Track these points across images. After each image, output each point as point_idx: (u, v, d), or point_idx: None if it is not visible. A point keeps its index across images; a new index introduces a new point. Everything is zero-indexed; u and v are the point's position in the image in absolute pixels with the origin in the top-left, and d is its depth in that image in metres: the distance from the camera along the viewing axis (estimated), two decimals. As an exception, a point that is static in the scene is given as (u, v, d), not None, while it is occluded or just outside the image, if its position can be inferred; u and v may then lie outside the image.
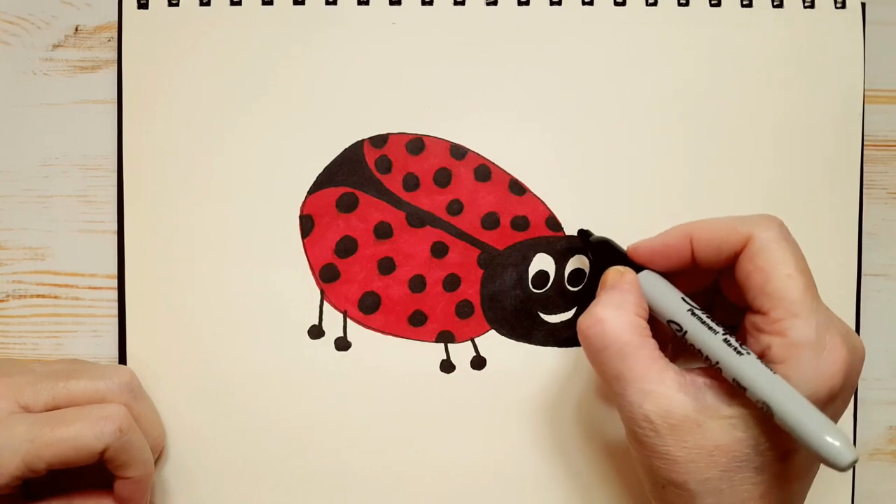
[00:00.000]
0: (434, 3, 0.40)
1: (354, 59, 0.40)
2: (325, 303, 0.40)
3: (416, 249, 0.40)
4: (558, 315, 0.41)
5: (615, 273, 0.36)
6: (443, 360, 0.40)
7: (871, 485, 0.42)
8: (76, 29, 0.41)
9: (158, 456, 0.40)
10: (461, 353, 0.40)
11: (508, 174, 0.40)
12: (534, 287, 0.41)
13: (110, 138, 0.41)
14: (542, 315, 0.41)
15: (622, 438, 0.41)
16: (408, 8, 0.40)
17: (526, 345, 0.41)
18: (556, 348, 0.41)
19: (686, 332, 0.33)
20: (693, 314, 0.33)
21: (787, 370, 0.31)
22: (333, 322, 0.40)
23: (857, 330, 0.41)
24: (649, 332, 0.34)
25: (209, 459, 0.40)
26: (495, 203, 0.40)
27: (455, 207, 0.40)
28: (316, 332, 0.40)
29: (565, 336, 0.41)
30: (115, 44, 0.41)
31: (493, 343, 0.40)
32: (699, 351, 0.33)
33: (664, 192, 0.41)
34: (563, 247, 0.41)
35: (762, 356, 0.32)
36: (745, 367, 0.31)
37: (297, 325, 0.40)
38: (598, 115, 0.40)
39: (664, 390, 0.32)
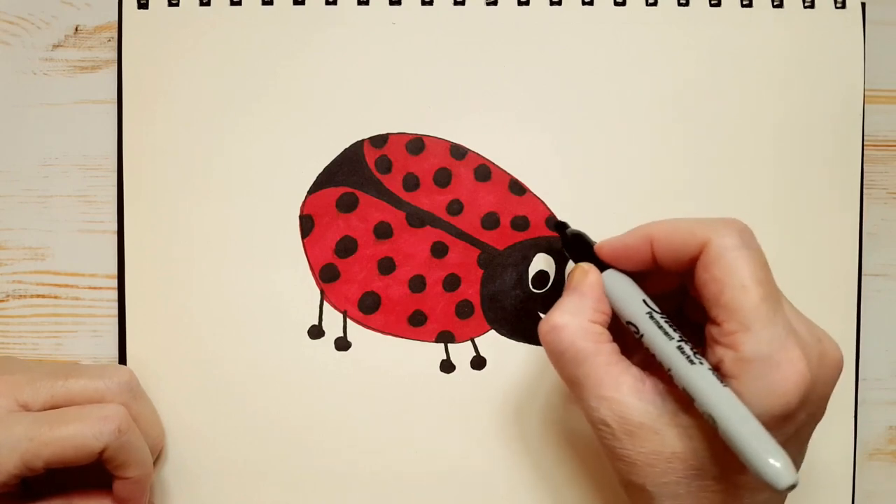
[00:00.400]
0: (434, 3, 0.40)
1: (354, 59, 0.40)
2: (325, 303, 0.40)
3: (416, 249, 0.40)
4: (558, 315, 0.41)
5: (580, 273, 0.35)
6: (443, 360, 0.40)
7: (871, 485, 0.42)
8: (76, 29, 0.41)
9: (158, 456, 0.40)
10: (461, 353, 0.40)
11: (508, 174, 0.40)
12: (534, 287, 0.41)
13: (110, 138, 0.41)
14: (542, 315, 0.41)
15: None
16: (408, 8, 0.40)
17: (526, 345, 0.41)
18: (556, 348, 0.40)
19: (642, 335, 0.33)
20: (651, 317, 0.32)
21: (739, 385, 0.30)
22: (333, 322, 0.40)
23: (858, 330, 0.41)
24: (608, 337, 0.33)
25: (209, 459, 0.40)
26: (495, 203, 0.40)
27: (455, 207, 0.40)
28: (316, 332, 0.40)
29: (565, 336, 0.40)
30: (115, 44, 0.41)
31: (493, 343, 0.40)
32: (653, 355, 0.32)
33: (664, 192, 0.41)
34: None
35: (716, 368, 0.31)
36: (694, 377, 0.30)
37: (297, 325, 0.40)
38: (598, 115, 0.40)
39: (620, 397, 0.32)
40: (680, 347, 0.31)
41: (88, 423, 0.34)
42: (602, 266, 0.35)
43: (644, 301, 0.33)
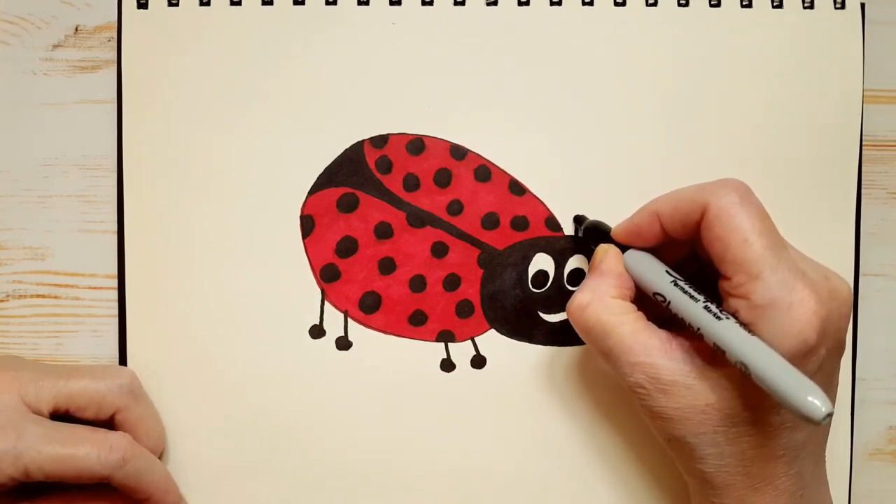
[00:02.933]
0: (434, 3, 0.40)
1: (354, 59, 0.40)
2: (326, 303, 0.40)
3: (416, 249, 0.40)
4: (558, 314, 0.41)
5: (601, 252, 0.37)
6: (443, 360, 0.41)
7: (871, 485, 0.42)
8: (76, 29, 0.41)
9: (159, 456, 0.39)
10: (461, 352, 0.41)
11: (508, 174, 0.41)
12: (534, 287, 0.41)
13: (110, 138, 0.41)
14: (541, 314, 0.41)
15: (621, 438, 0.41)
16: (408, 8, 0.40)
17: (526, 344, 0.41)
18: (555, 347, 0.41)
19: (669, 302, 0.34)
20: (676, 285, 0.34)
21: (758, 330, 0.32)
22: (334, 322, 0.40)
23: (856, 330, 0.41)
24: (632, 308, 0.35)
25: (209, 459, 0.40)
26: (495, 203, 0.41)
27: (455, 208, 0.40)
28: (317, 331, 0.40)
29: (565, 335, 0.41)
30: (114, 44, 0.41)
31: (493, 342, 0.41)
32: (682, 319, 0.34)
33: (663, 191, 0.40)
34: (563, 247, 0.41)
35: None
36: (722, 330, 0.32)
37: (297, 324, 0.40)
38: (598, 115, 0.40)
39: (650, 360, 0.34)
40: (706, 307, 0.33)
41: (96, 448, 0.35)
42: (623, 248, 0.37)
43: (667, 272, 0.35)
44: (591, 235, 0.39)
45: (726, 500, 0.34)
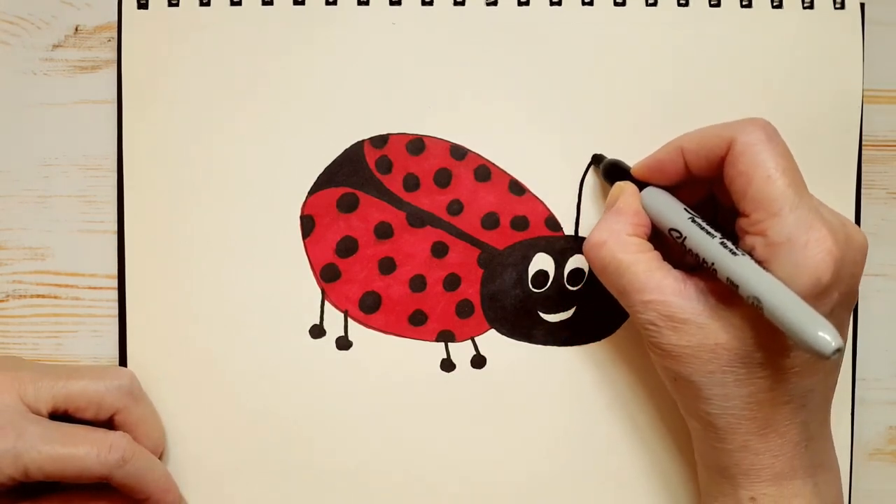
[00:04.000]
0: (434, 3, 0.40)
1: (354, 59, 0.40)
2: (326, 302, 0.40)
3: (416, 249, 0.40)
4: (558, 314, 0.41)
5: (617, 191, 0.38)
6: (443, 359, 0.41)
7: (871, 485, 0.42)
8: (76, 29, 0.41)
9: (159, 457, 0.39)
10: (461, 352, 0.41)
11: (508, 174, 0.41)
12: (534, 287, 0.41)
13: (110, 138, 0.41)
14: (541, 314, 0.41)
15: (621, 437, 0.41)
16: (408, 8, 0.40)
17: (526, 344, 0.41)
18: (555, 347, 0.41)
19: (685, 237, 0.35)
20: (693, 221, 0.35)
21: (772, 268, 0.32)
22: (334, 322, 0.40)
23: (856, 329, 0.41)
24: (648, 247, 0.35)
25: (209, 459, 0.40)
26: (495, 203, 0.41)
27: (455, 207, 0.40)
28: (317, 331, 0.40)
29: (565, 335, 0.41)
30: (114, 44, 0.41)
31: (493, 342, 0.41)
32: (697, 255, 0.34)
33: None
34: (563, 246, 0.41)
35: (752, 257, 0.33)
36: (736, 266, 0.32)
37: (298, 324, 0.40)
38: (598, 115, 0.40)
39: (663, 297, 0.34)
40: (723, 243, 0.33)
41: (95, 447, 0.35)
42: (641, 186, 0.37)
43: (684, 209, 0.36)
44: (609, 174, 0.39)
45: (729, 444, 0.34)
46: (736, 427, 0.34)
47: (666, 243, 0.36)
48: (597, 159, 0.40)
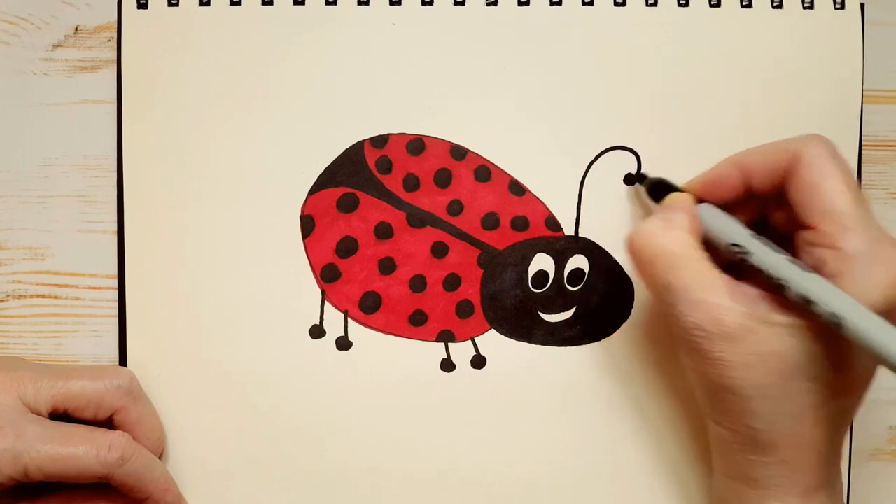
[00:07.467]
0: (434, 3, 0.40)
1: (354, 59, 0.40)
2: (326, 303, 0.40)
3: (416, 249, 0.40)
4: (558, 315, 0.41)
5: (671, 198, 0.37)
6: (443, 360, 0.41)
7: (872, 485, 0.42)
8: (76, 29, 0.41)
9: (158, 457, 0.39)
10: (461, 352, 0.41)
11: (508, 174, 0.41)
12: (534, 287, 0.41)
13: (110, 138, 0.41)
14: (541, 315, 0.41)
15: (621, 438, 0.41)
16: (408, 8, 0.40)
17: (526, 344, 0.41)
18: (555, 348, 0.41)
19: (750, 253, 0.34)
20: (756, 237, 0.34)
21: (843, 283, 0.31)
22: (334, 322, 0.40)
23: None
24: (701, 248, 0.34)
25: (209, 459, 0.40)
26: (495, 203, 0.41)
27: (455, 208, 0.40)
28: (317, 331, 0.40)
29: (565, 335, 0.41)
30: (114, 44, 0.41)
31: (493, 342, 0.41)
32: (762, 272, 0.33)
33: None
34: (563, 247, 0.41)
35: (816, 271, 0.32)
36: (811, 284, 0.31)
37: (298, 325, 0.40)
38: (598, 115, 0.40)
39: (715, 299, 0.32)
40: (791, 260, 0.32)
41: (95, 447, 0.35)
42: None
43: (744, 226, 0.35)
44: (655, 191, 0.38)
45: (767, 458, 0.33)
46: (778, 442, 0.32)
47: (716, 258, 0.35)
48: (640, 178, 0.40)
